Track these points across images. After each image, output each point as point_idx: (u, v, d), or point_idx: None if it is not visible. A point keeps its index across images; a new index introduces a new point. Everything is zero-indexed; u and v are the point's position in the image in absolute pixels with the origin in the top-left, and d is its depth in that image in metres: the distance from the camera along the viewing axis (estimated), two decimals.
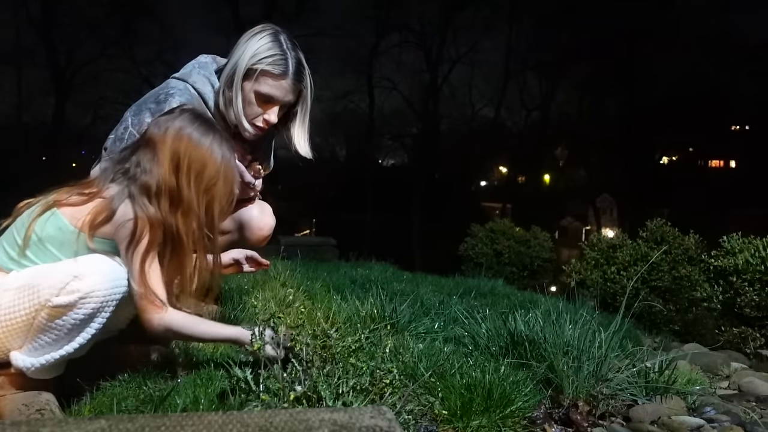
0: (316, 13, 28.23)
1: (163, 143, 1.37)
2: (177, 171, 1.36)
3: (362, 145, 31.12)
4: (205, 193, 1.40)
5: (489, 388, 1.53)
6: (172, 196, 1.36)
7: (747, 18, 30.95)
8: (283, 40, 1.83)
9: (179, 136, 1.38)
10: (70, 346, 1.28)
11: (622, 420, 1.72)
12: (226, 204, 1.47)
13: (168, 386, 1.44)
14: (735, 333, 3.89)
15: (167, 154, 1.36)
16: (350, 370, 1.42)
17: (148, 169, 1.35)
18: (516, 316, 2.20)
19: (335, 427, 0.92)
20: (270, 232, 2.08)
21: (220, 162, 1.42)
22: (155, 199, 1.35)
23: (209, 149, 1.40)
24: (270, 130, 1.99)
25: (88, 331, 1.28)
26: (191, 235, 1.39)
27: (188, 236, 1.39)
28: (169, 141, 1.37)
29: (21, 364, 1.28)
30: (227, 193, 1.46)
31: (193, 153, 1.38)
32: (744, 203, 24.00)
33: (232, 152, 1.48)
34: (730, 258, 4.21)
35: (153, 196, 1.35)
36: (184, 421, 0.91)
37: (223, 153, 1.44)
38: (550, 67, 28.88)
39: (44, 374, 1.32)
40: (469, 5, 27.72)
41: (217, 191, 1.42)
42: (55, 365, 1.31)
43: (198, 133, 1.40)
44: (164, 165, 1.36)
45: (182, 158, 1.37)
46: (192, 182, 1.38)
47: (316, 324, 1.88)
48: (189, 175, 1.38)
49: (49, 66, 24.22)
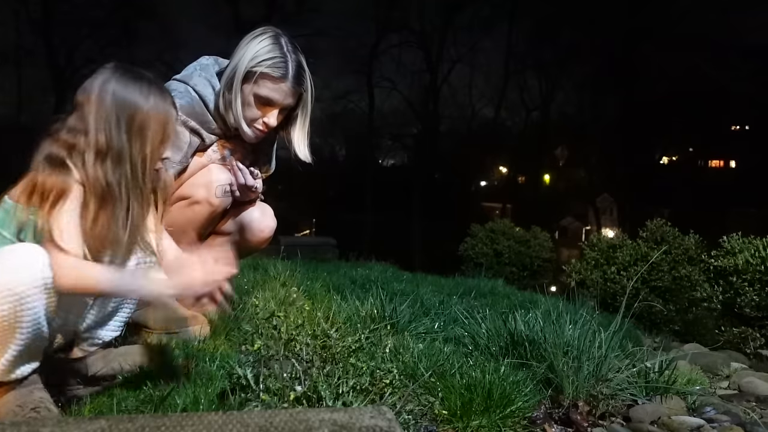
0: (316, 13, 28.21)
1: (88, 101, 1.37)
2: (105, 122, 1.36)
3: (362, 145, 31.12)
4: (136, 139, 1.39)
5: (489, 388, 1.53)
6: (99, 149, 1.35)
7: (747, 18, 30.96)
8: (283, 43, 1.82)
9: (104, 89, 1.37)
10: (15, 345, 1.25)
11: (622, 420, 1.72)
12: (158, 148, 1.44)
13: (168, 386, 1.44)
14: (735, 333, 3.90)
15: (93, 109, 1.36)
16: (350, 370, 1.42)
17: (74, 128, 1.35)
18: (516, 316, 2.20)
19: (335, 427, 0.92)
20: (271, 233, 2.08)
21: (148, 106, 1.40)
22: (79, 155, 1.34)
23: (135, 96, 1.39)
24: (271, 133, 1.99)
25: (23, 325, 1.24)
26: (123, 185, 1.38)
27: (119, 185, 1.37)
28: (93, 97, 1.36)
29: None
30: (160, 137, 1.43)
31: (119, 102, 1.37)
32: (744, 203, 24.01)
33: (162, 96, 1.45)
34: (730, 258, 4.21)
35: (77, 153, 1.34)
36: (184, 421, 0.91)
37: (152, 97, 1.41)
38: (550, 67, 28.90)
39: (14, 374, 1.30)
40: (469, 5, 27.74)
41: (149, 135, 1.41)
42: (20, 362, 1.29)
43: (122, 83, 1.39)
44: (90, 120, 1.35)
45: (109, 109, 1.36)
46: (122, 131, 1.37)
47: (316, 324, 1.88)
48: (119, 124, 1.37)
49: (49, 66, 24.23)
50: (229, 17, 24.87)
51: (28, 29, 23.99)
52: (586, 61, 27.81)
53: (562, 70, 28.81)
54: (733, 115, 28.88)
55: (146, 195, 1.46)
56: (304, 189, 26.05)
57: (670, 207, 22.33)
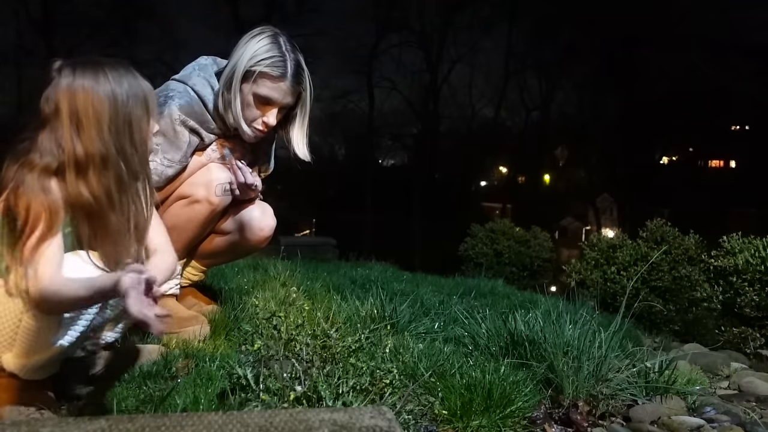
0: (316, 13, 28.25)
1: (56, 112, 1.23)
2: (78, 130, 1.23)
3: (362, 145, 31.12)
4: (122, 132, 1.27)
5: (489, 388, 1.53)
6: (78, 162, 1.23)
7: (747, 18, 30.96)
8: (282, 42, 1.83)
9: (70, 91, 1.23)
10: (57, 344, 1.27)
11: (622, 420, 1.73)
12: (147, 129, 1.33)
13: (168, 386, 1.44)
14: (735, 333, 3.89)
15: (64, 119, 1.22)
16: (350, 370, 1.42)
17: (46, 148, 1.22)
18: (516, 316, 2.20)
19: (335, 427, 0.92)
20: (271, 232, 2.08)
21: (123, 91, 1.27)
22: (59, 175, 1.23)
23: (107, 86, 1.26)
24: (270, 132, 1.99)
25: (75, 327, 1.27)
26: (114, 191, 1.27)
27: (108, 194, 1.26)
28: (62, 105, 1.23)
29: (13, 367, 1.28)
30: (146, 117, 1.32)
31: (92, 100, 1.24)
32: (744, 203, 24.01)
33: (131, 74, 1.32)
34: (730, 258, 4.21)
35: (56, 174, 1.22)
36: (184, 421, 0.91)
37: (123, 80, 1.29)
38: (550, 67, 28.89)
39: (37, 374, 1.31)
40: (469, 5, 27.72)
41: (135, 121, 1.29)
42: (48, 364, 1.31)
43: (87, 78, 1.25)
44: (63, 133, 1.22)
45: (83, 111, 1.23)
46: (104, 131, 1.24)
47: (316, 324, 1.88)
48: (99, 125, 1.24)
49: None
50: (229, 17, 24.88)
51: (28, 29, 23.98)
52: (586, 61, 27.79)
53: (562, 70, 28.80)
54: (733, 115, 28.84)
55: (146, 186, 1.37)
56: (304, 189, 26.06)
57: (670, 207, 22.32)
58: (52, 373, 1.36)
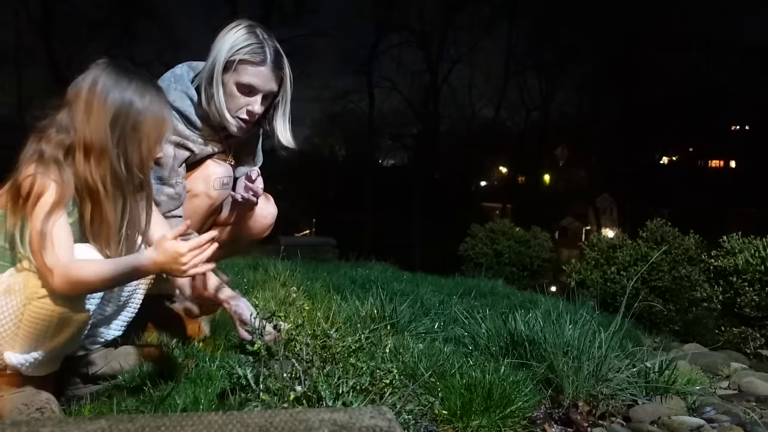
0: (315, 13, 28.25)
1: (77, 98, 1.35)
2: (94, 120, 1.33)
3: (362, 145, 31.12)
4: (129, 138, 1.37)
5: (489, 388, 1.53)
6: (86, 147, 1.33)
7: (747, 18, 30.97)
8: (258, 32, 1.84)
9: (94, 86, 1.35)
10: (61, 339, 1.27)
11: (622, 420, 1.73)
12: (153, 148, 1.42)
13: (168, 386, 1.44)
14: (735, 333, 3.90)
15: (82, 106, 1.34)
16: (350, 370, 1.42)
17: (63, 125, 1.34)
18: (516, 316, 2.20)
19: (335, 427, 0.92)
20: (273, 220, 2.11)
21: (142, 105, 1.38)
22: (70, 153, 1.33)
23: (128, 94, 1.37)
24: (255, 128, 2.00)
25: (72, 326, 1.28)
26: (109, 182, 1.36)
27: (105, 183, 1.35)
28: (83, 93, 1.35)
29: (15, 362, 1.28)
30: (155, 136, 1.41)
31: (109, 100, 1.35)
32: (744, 203, 24.00)
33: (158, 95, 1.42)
34: (730, 258, 4.21)
35: (68, 151, 1.33)
36: (184, 421, 0.91)
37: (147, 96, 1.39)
38: (550, 67, 28.89)
39: (39, 371, 1.32)
40: (469, 5, 27.72)
41: (143, 135, 1.39)
42: (50, 360, 1.31)
43: (113, 80, 1.37)
44: (78, 117, 1.34)
45: (99, 107, 1.34)
46: (113, 129, 1.35)
47: (316, 324, 1.88)
48: (111, 123, 1.34)
49: (49, 66, 24.20)
50: (229, 17, 24.84)
51: (28, 29, 23.97)
52: (586, 61, 27.80)
53: (562, 70, 28.80)
54: (733, 115, 28.84)
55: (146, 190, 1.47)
56: (304, 189, 26.07)
57: (670, 207, 22.30)
58: (53, 371, 1.36)
